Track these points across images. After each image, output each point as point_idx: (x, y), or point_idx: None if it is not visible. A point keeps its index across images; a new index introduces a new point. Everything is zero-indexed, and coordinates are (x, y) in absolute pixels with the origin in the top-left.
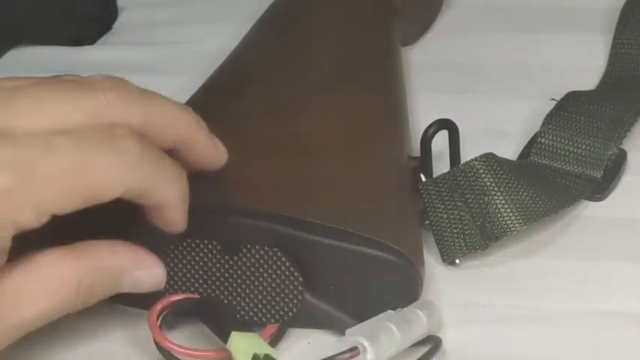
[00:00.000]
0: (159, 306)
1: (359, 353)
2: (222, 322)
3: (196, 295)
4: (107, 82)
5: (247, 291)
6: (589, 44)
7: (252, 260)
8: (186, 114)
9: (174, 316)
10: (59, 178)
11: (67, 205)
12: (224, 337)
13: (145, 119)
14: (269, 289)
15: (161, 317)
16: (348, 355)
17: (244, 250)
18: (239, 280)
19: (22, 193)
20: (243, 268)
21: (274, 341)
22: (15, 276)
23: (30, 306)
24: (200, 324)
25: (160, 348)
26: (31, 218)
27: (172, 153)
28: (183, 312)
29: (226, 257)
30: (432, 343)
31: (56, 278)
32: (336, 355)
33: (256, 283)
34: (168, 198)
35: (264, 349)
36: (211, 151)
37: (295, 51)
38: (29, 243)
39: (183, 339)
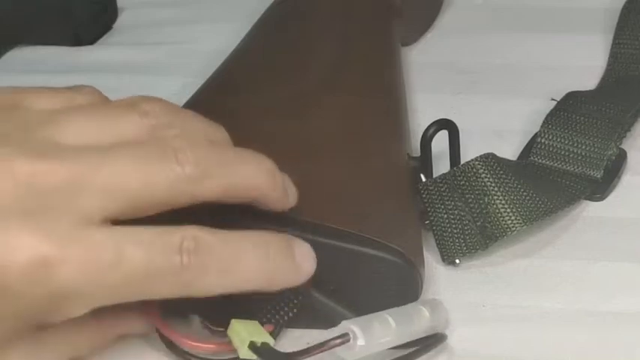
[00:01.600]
0: None
1: (349, 339)
2: (224, 311)
3: None
4: (189, 150)
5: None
6: (589, 44)
7: None
8: (262, 174)
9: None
10: (121, 287)
11: (118, 302)
12: (225, 325)
13: (221, 193)
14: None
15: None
16: (338, 340)
17: None
18: None
19: (84, 295)
20: None
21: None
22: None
23: None
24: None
25: (161, 335)
26: (82, 312)
27: None
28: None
29: None
30: (435, 338)
31: (72, 343)
32: (327, 341)
33: None
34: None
35: (262, 337)
36: (281, 202)
37: (295, 51)
38: None
39: None
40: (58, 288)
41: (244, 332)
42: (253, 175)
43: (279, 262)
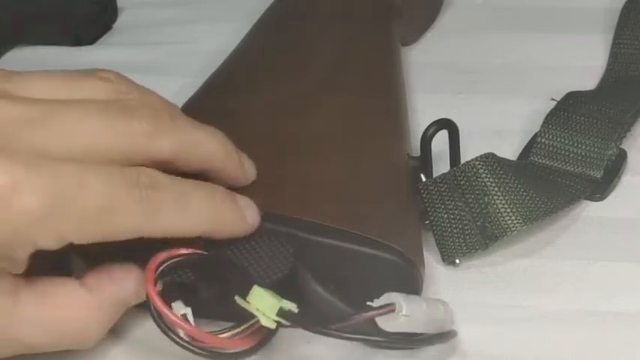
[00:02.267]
0: (164, 255)
1: (394, 309)
2: (232, 279)
3: (203, 252)
4: (145, 110)
5: (246, 253)
6: (589, 44)
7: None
8: (214, 141)
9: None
10: (86, 217)
11: (88, 239)
12: (234, 294)
13: (174, 151)
14: (263, 253)
15: (159, 271)
16: (382, 310)
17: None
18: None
19: (49, 222)
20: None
21: (266, 339)
22: (27, 302)
23: (37, 335)
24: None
25: (156, 314)
26: (52, 243)
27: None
28: (184, 268)
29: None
30: (449, 334)
31: (69, 318)
32: (373, 309)
33: (254, 246)
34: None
35: (287, 303)
36: (239, 173)
37: (295, 51)
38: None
39: None
40: (22, 213)
41: (271, 298)
42: (207, 140)
43: (225, 207)
